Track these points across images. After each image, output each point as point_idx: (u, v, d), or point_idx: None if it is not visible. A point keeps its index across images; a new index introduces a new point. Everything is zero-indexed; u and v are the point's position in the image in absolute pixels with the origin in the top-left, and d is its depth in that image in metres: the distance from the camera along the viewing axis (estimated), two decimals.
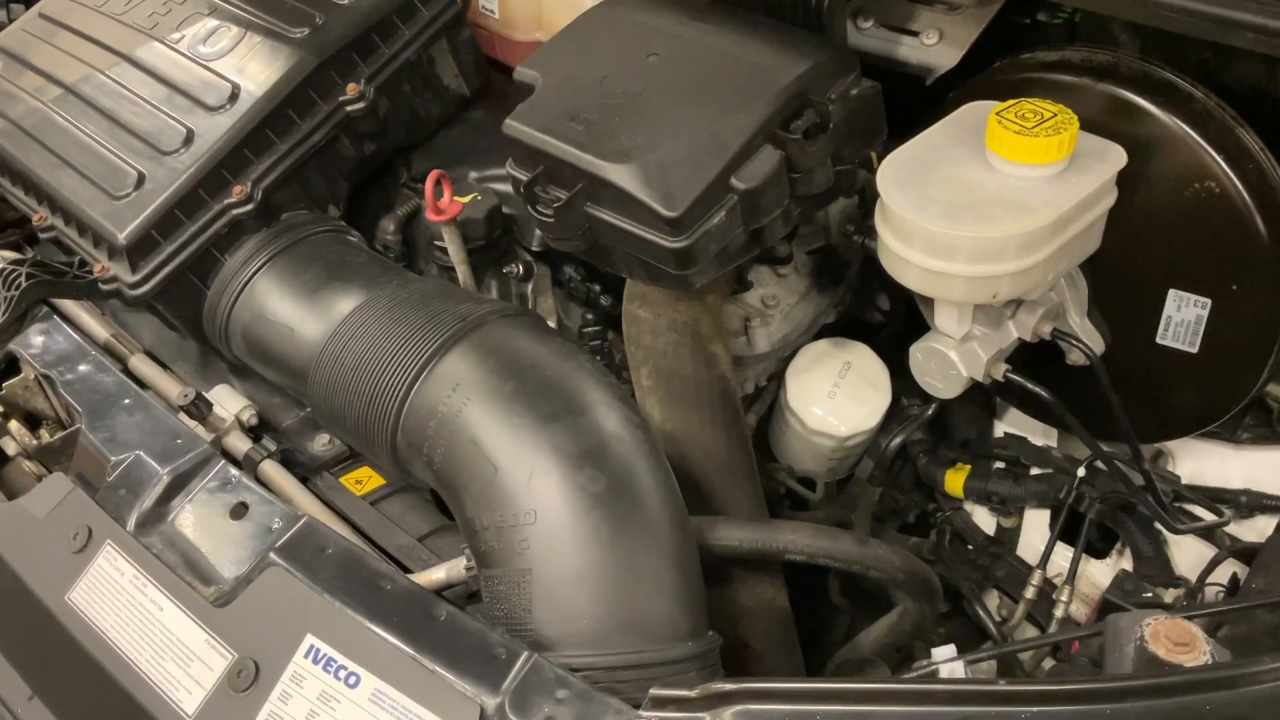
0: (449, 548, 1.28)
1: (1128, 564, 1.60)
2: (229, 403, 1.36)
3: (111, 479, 1.18)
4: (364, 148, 1.50)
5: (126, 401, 1.25)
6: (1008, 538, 1.71)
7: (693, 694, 0.87)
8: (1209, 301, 1.27)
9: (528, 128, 1.24)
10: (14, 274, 1.37)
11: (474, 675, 0.94)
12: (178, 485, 1.17)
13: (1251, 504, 1.46)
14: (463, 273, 1.40)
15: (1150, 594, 1.37)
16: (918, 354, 1.29)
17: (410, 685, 0.96)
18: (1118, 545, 1.61)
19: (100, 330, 1.45)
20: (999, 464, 1.70)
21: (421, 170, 1.60)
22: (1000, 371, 1.26)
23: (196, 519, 1.15)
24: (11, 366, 1.38)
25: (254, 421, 1.36)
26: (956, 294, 1.19)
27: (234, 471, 1.19)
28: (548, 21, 1.57)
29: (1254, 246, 1.22)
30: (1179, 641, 0.85)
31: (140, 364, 1.41)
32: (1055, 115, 1.16)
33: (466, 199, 1.44)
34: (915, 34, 1.39)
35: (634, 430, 1.08)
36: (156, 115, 1.41)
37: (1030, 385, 1.27)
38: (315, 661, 1.00)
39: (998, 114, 1.18)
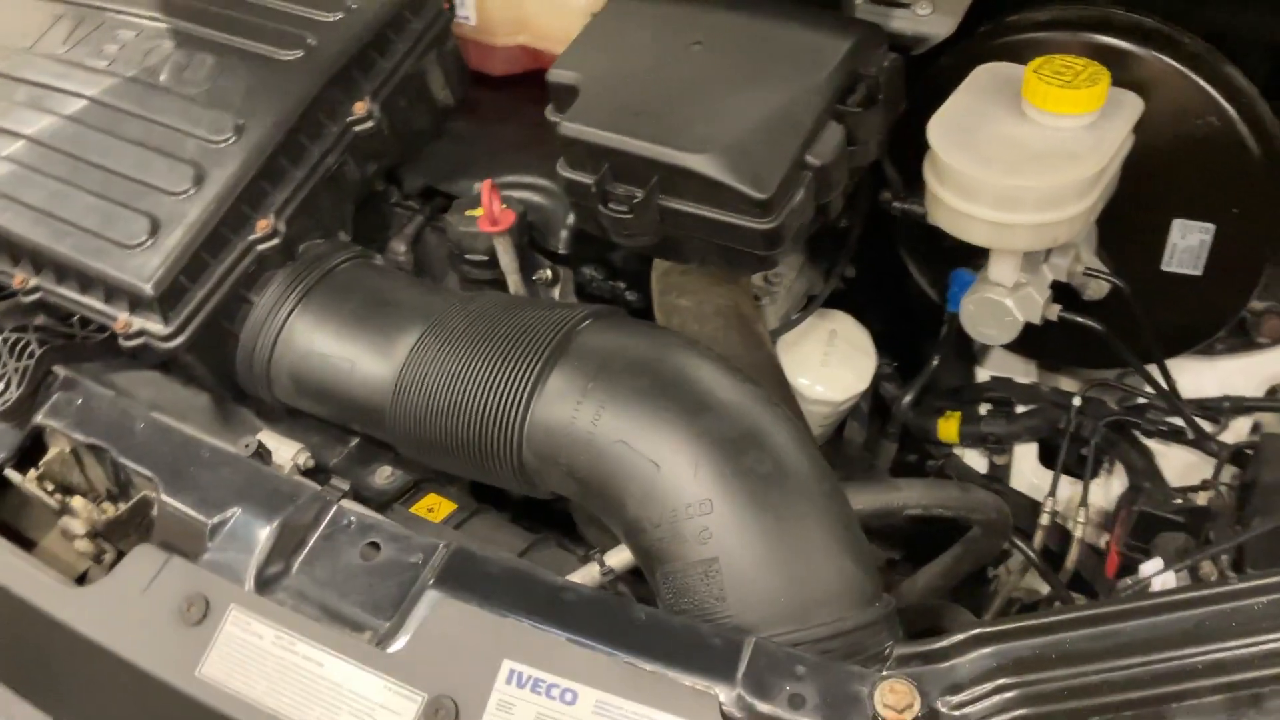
0: (552, 561, 1.26)
1: (1119, 483, 1.73)
2: (280, 448, 1.29)
3: (216, 541, 1.10)
4: (368, 168, 1.44)
5: (205, 455, 1.17)
6: (1001, 474, 1.81)
7: (943, 643, 0.90)
8: (1213, 226, 1.40)
9: (590, 126, 1.23)
10: (23, 342, 1.25)
11: (700, 668, 0.94)
12: (292, 535, 1.10)
13: (1234, 408, 1.61)
14: (515, 282, 1.38)
15: (1179, 500, 1.49)
16: (970, 306, 1.36)
17: (635, 690, 0.94)
18: (1105, 466, 1.74)
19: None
20: (984, 406, 1.80)
21: (414, 187, 1.55)
22: (1055, 311, 1.34)
23: (324, 567, 1.09)
24: (35, 443, 1.26)
25: (310, 464, 1.29)
26: (1022, 243, 1.26)
27: (352, 511, 1.13)
28: (530, 25, 1.56)
29: (1252, 170, 1.35)
30: None
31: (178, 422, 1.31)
32: (1086, 68, 1.25)
33: (480, 212, 1.41)
34: (907, 5, 1.45)
35: (773, 408, 1.10)
36: (154, 157, 1.32)
37: (1083, 319, 1.36)
38: (520, 685, 0.97)
39: (1035, 70, 1.25)
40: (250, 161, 1.30)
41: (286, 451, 1.29)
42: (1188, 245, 1.42)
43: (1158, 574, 0.98)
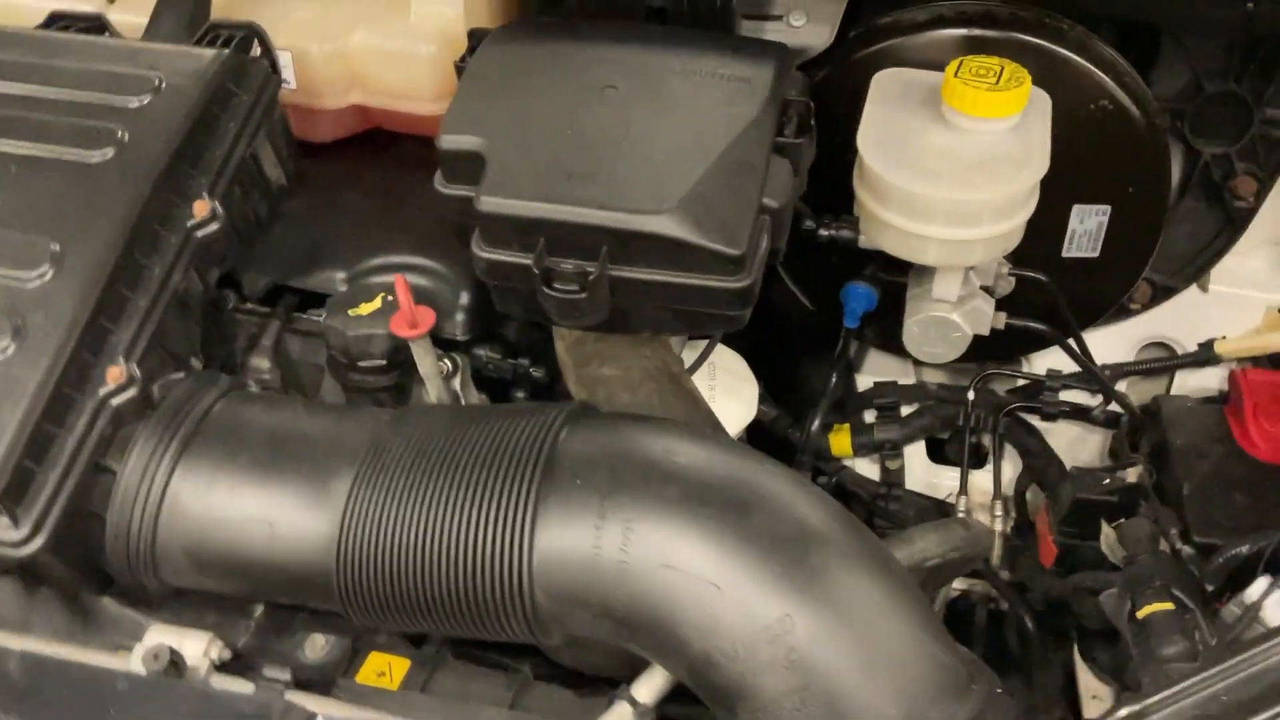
0: (552, 705, 1.08)
1: (1010, 469, 1.75)
2: (184, 643, 1.03)
3: None
4: (211, 278, 1.19)
5: (123, 689, 0.90)
6: (896, 479, 1.78)
7: None
8: (1109, 208, 1.40)
9: (517, 199, 1.05)
10: None
11: None
12: None
13: (1115, 375, 1.64)
14: (438, 388, 1.17)
15: (1107, 479, 1.50)
16: (914, 328, 1.29)
17: None
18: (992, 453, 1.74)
19: None
20: (869, 414, 1.76)
21: (257, 288, 1.31)
22: (1002, 320, 1.30)
23: None
24: None
25: (226, 655, 1.05)
26: (977, 257, 1.21)
27: (307, 709, 0.91)
28: (365, 81, 1.34)
29: (1143, 147, 1.36)
30: None
31: (35, 642, 1.02)
32: (1005, 68, 1.20)
33: (373, 304, 1.20)
34: (780, 18, 1.36)
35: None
36: None
37: (1036, 325, 1.33)
38: None
39: (955, 74, 1.19)
40: (83, 298, 1.02)
41: (195, 646, 1.03)
42: (1086, 229, 1.42)
43: (1266, 596, 0.94)
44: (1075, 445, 1.75)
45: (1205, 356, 1.62)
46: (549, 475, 0.96)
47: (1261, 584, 0.98)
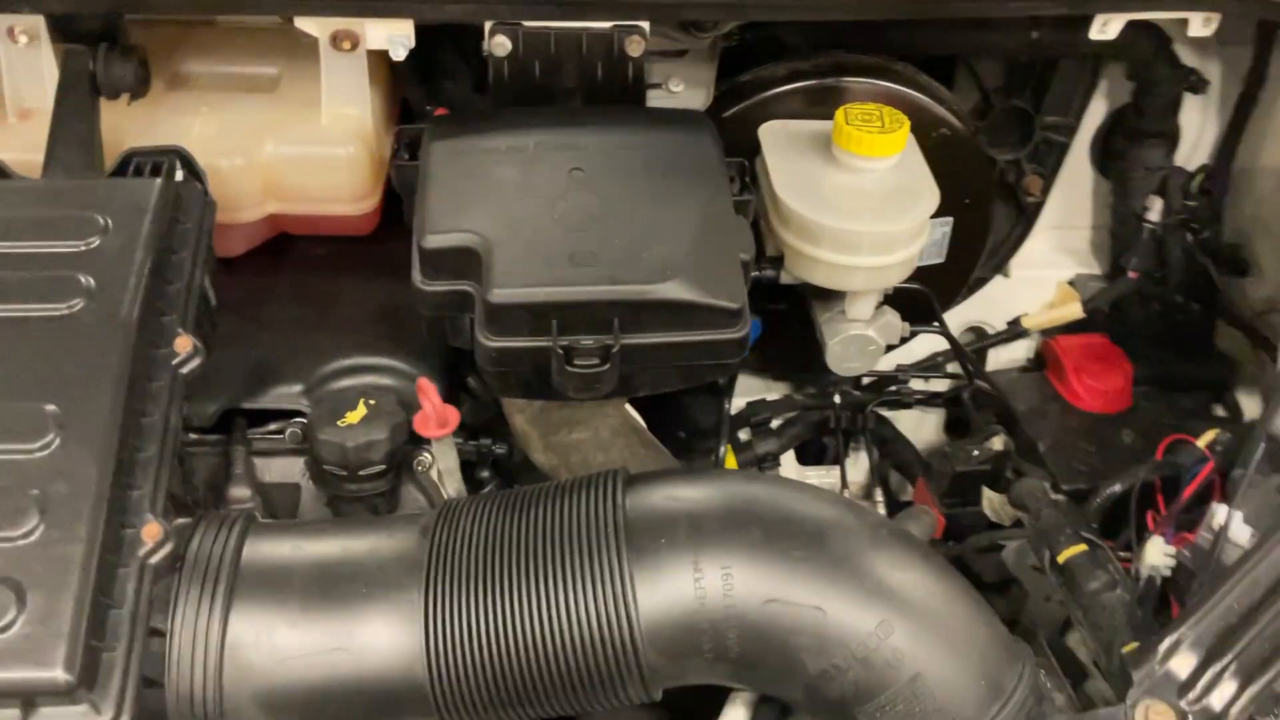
0: None
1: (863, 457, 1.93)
2: None
3: None
4: (185, 412, 1.14)
5: None
6: None
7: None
8: (951, 220, 1.61)
9: (531, 287, 1.09)
10: None
11: None
12: None
13: (945, 360, 1.87)
14: (457, 480, 1.18)
15: (976, 451, 1.70)
16: (836, 347, 1.43)
17: None
18: (852, 446, 1.93)
19: None
20: (742, 433, 1.89)
21: (207, 414, 1.25)
22: (907, 329, 1.46)
23: None
24: None
25: None
26: (893, 279, 1.36)
27: None
28: (284, 189, 1.31)
29: (976, 166, 1.58)
30: None
31: None
32: (883, 112, 1.36)
33: (358, 411, 1.19)
34: (659, 85, 1.47)
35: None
36: None
37: (945, 331, 1.50)
38: None
39: (845, 121, 1.34)
40: (100, 462, 0.96)
41: None
42: (934, 240, 1.62)
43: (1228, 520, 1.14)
44: (916, 428, 1.96)
45: (1016, 332, 1.88)
46: (632, 541, 1.01)
47: (1221, 511, 1.19)
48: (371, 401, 1.19)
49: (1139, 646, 1.30)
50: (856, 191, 1.34)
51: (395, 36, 1.26)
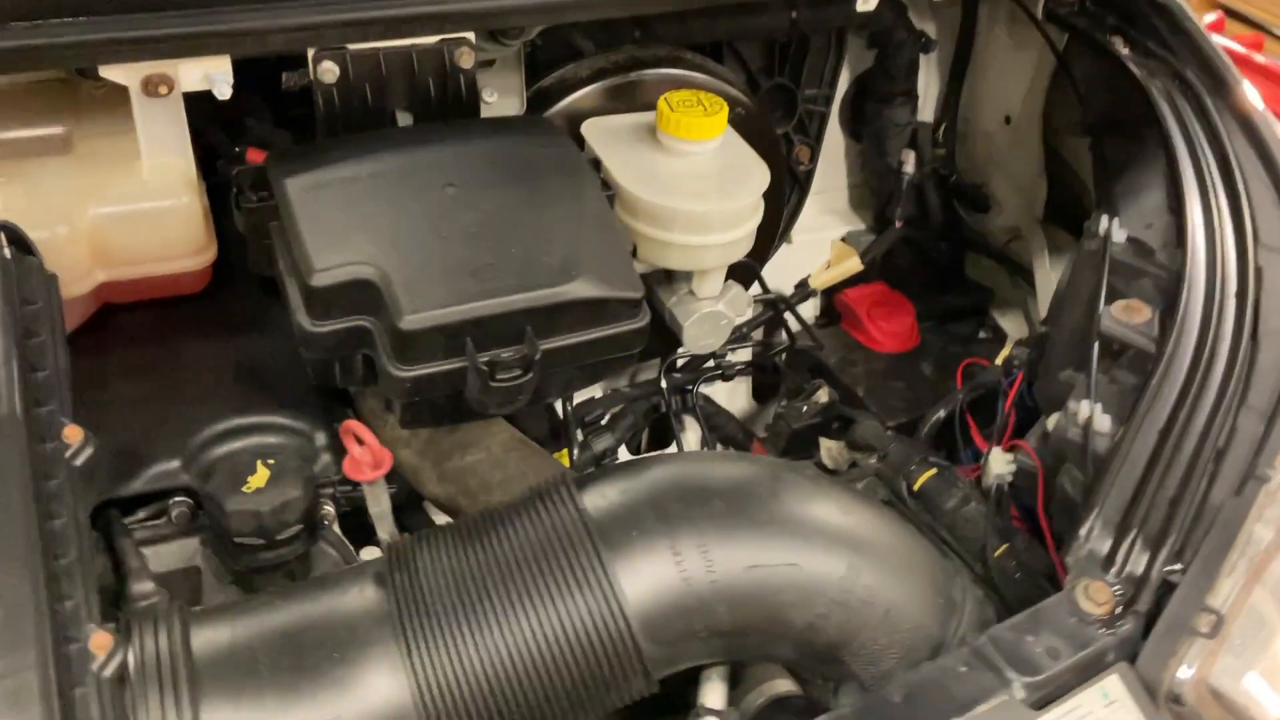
0: None
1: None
2: None
3: None
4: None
5: None
6: None
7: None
8: None
9: (444, 308, 1.06)
10: None
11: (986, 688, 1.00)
12: None
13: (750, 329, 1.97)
14: (389, 527, 1.12)
15: (804, 407, 1.80)
16: (691, 328, 1.47)
17: None
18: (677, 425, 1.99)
19: None
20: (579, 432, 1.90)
21: None
22: (751, 300, 1.53)
23: None
24: None
25: None
26: (740, 252, 1.42)
27: None
28: (108, 254, 1.19)
29: (770, 142, 1.67)
30: None
31: None
32: (700, 97, 1.42)
33: (260, 474, 1.11)
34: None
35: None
36: None
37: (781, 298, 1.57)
38: None
39: (669, 109, 1.38)
40: (31, 583, 0.86)
41: None
42: None
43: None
44: (730, 399, 2.05)
45: (807, 293, 2.01)
46: (604, 539, 1.01)
47: (1085, 406, 1.32)
48: (270, 461, 1.12)
49: (1007, 548, 1.44)
50: (692, 174, 1.39)
51: (214, 75, 1.18)
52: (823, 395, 1.81)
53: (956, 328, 2.02)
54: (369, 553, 1.22)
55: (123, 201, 1.18)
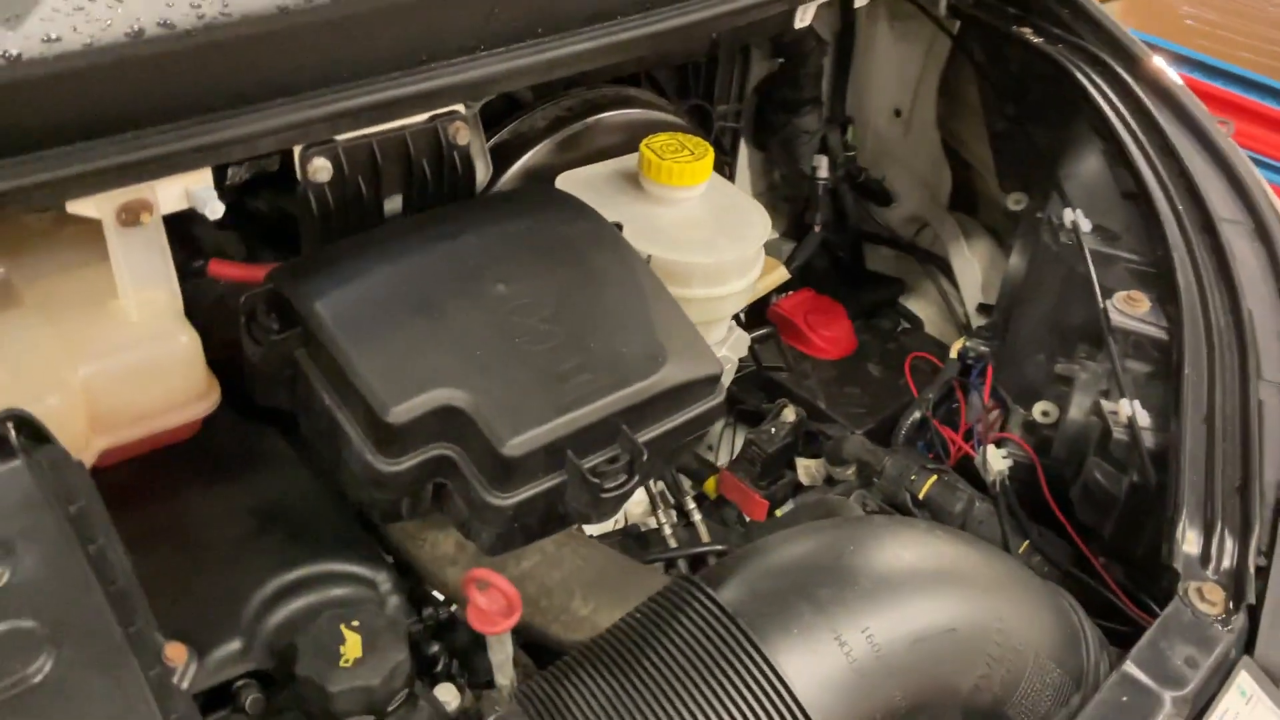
0: None
1: None
2: None
3: None
4: None
5: None
6: None
7: None
8: None
9: (545, 425, 0.96)
10: None
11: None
12: None
13: None
14: (509, 671, 1.00)
15: (773, 429, 1.77)
16: None
17: None
18: None
19: None
20: None
21: None
22: (748, 339, 1.48)
23: None
24: None
25: None
26: (755, 292, 1.37)
27: None
28: (107, 417, 1.00)
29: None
30: None
31: None
32: (683, 141, 1.36)
33: (349, 641, 0.98)
34: None
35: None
36: None
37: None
38: None
39: (655, 155, 1.31)
40: None
41: None
42: None
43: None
44: None
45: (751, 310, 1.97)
46: (762, 637, 0.95)
47: (1126, 405, 1.33)
48: (354, 623, 0.98)
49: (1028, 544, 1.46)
50: (690, 222, 1.33)
51: (195, 192, 1.02)
52: (789, 414, 1.78)
53: (880, 323, 2.04)
54: (444, 692, 1.10)
55: (113, 353, 1.00)
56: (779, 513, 1.76)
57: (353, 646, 0.97)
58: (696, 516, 1.74)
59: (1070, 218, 1.49)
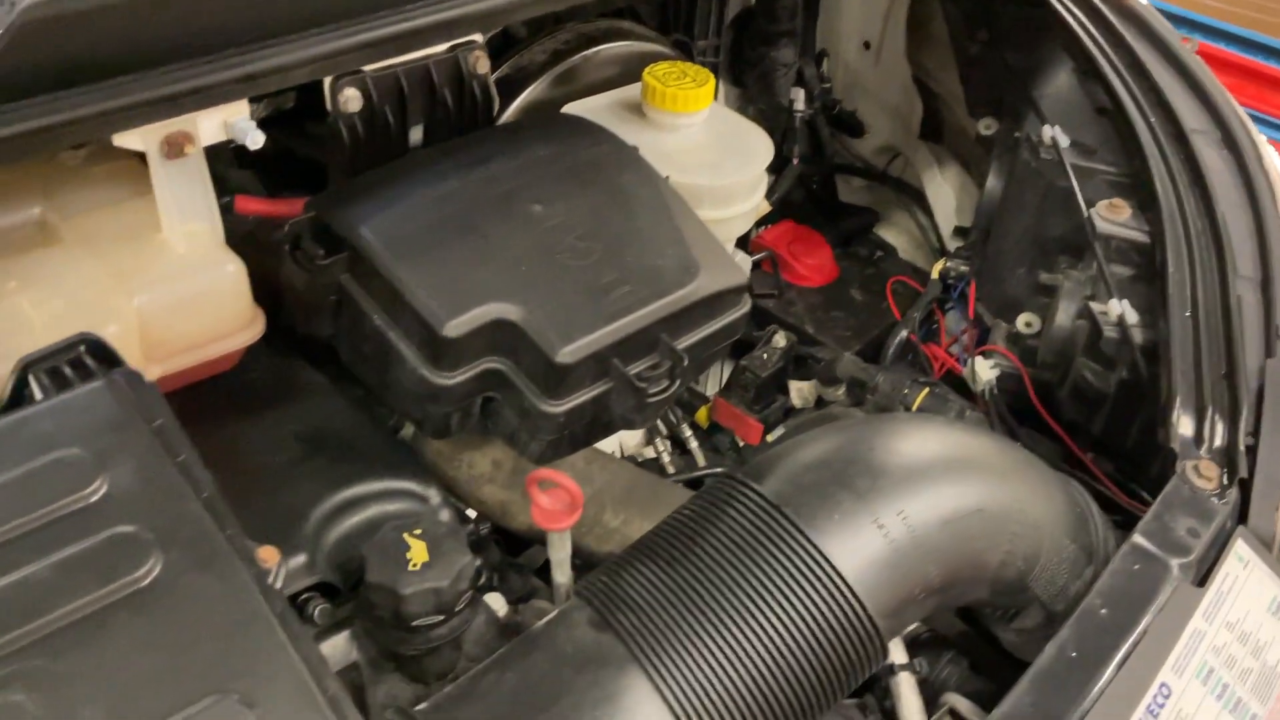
0: None
1: None
2: None
3: None
4: None
5: None
6: None
7: None
8: None
9: (594, 334, 1.00)
10: None
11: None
12: None
13: None
14: (569, 573, 1.05)
15: (766, 354, 1.83)
16: None
17: None
18: None
19: None
20: None
21: None
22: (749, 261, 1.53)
23: None
24: None
25: None
26: (754, 218, 1.42)
27: None
28: (160, 344, 1.02)
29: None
30: None
31: None
32: (683, 68, 1.40)
33: (415, 548, 1.02)
34: None
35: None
36: None
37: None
38: None
39: (659, 83, 1.35)
40: None
41: None
42: None
43: None
44: None
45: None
46: (807, 524, 1.00)
47: (1115, 304, 1.41)
48: (417, 531, 1.03)
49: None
50: (695, 147, 1.37)
51: (235, 124, 1.04)
52: (780, 339, 1.84)
53: (858, 250, 2.10)
54: (493, 600, 1.15)
55: (164, 283, 1.03)
56: (770, 437, 1.82)
57: (418, 552, 1.01)
58: (693, 444, 1.79)
59: (1050, 134, 1.56)
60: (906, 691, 1.13)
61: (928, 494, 1.05)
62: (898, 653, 1.15)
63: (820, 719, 0.99)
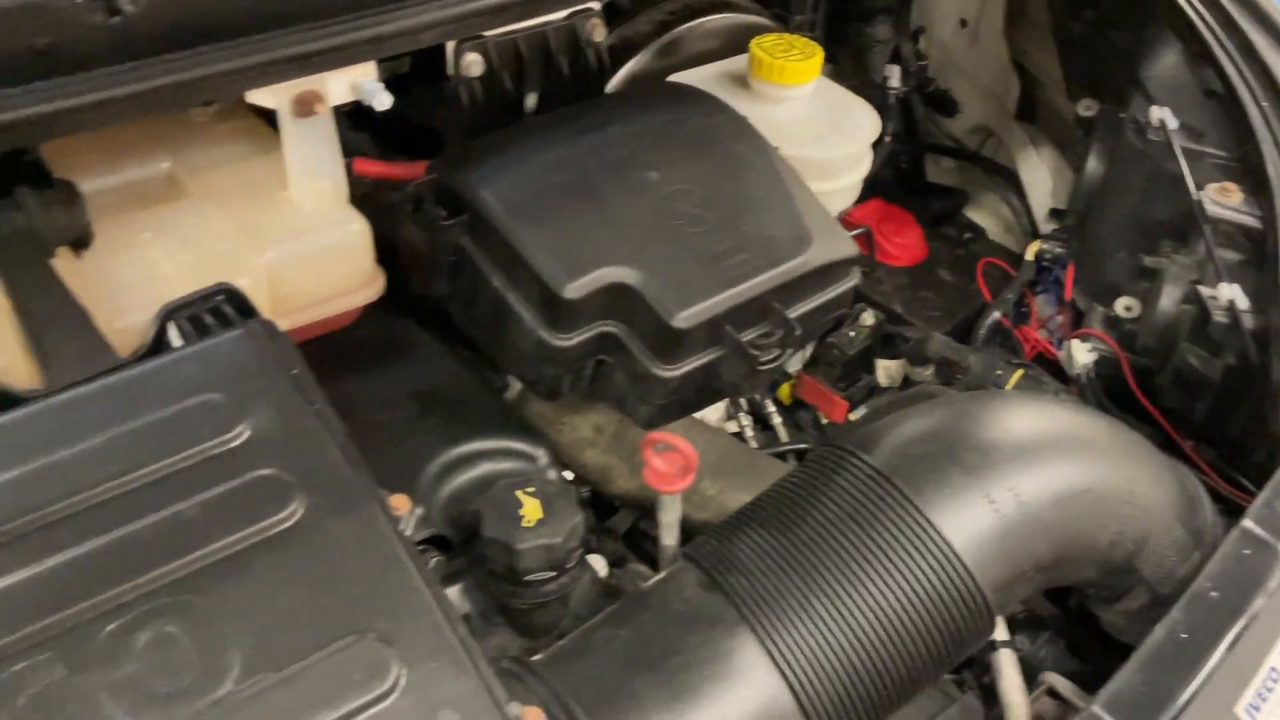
0: None
1: None
2: None
3: None
4: None
5: None
6: None
7: None
8: None
9: (709, 300, 1.01)
10: None
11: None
12: None
13: None
14: (676, 535, 1.06)
15: (853, 333, 1.83)
16: None
17: None
18: None
19: None
20: None
21: None
22: None
23: None
24: None
25: None
26: (858, 191, 1.42)
27: None
28: (286, 299, 1.05)
29: None
30: None
31: None
32: (791, 40, 1.40)
33: (528, 506, 1.04)
34: None
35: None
36: None
37: None
38: None
39: (766, 55, 1.35)
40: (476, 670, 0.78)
41: None
42: None
43: None
44: None
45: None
46: (917, 495, 1.01)
47: (1226, 288, 1.40)
48: (530, 489, 1.04)
49: None
50: (803, 119, 1.38)
51: (363, 84, 1.06)
52: (868, 318, 1.83)
53: (947, 230, 2.09)
54: (595, 562, 1.17)
55: (292, 239, 1.05)
56: (853, 415, 1.81)
57: (532, 509, 1.03)
58: (776, 420, 1.80)
59: (1158, 116, 1.54)
60: (1008, 667, 1.13)
61: (1039, 471, 1.05)
62: (999, 629, 1.15)
63: (922, 691, 1.00)
